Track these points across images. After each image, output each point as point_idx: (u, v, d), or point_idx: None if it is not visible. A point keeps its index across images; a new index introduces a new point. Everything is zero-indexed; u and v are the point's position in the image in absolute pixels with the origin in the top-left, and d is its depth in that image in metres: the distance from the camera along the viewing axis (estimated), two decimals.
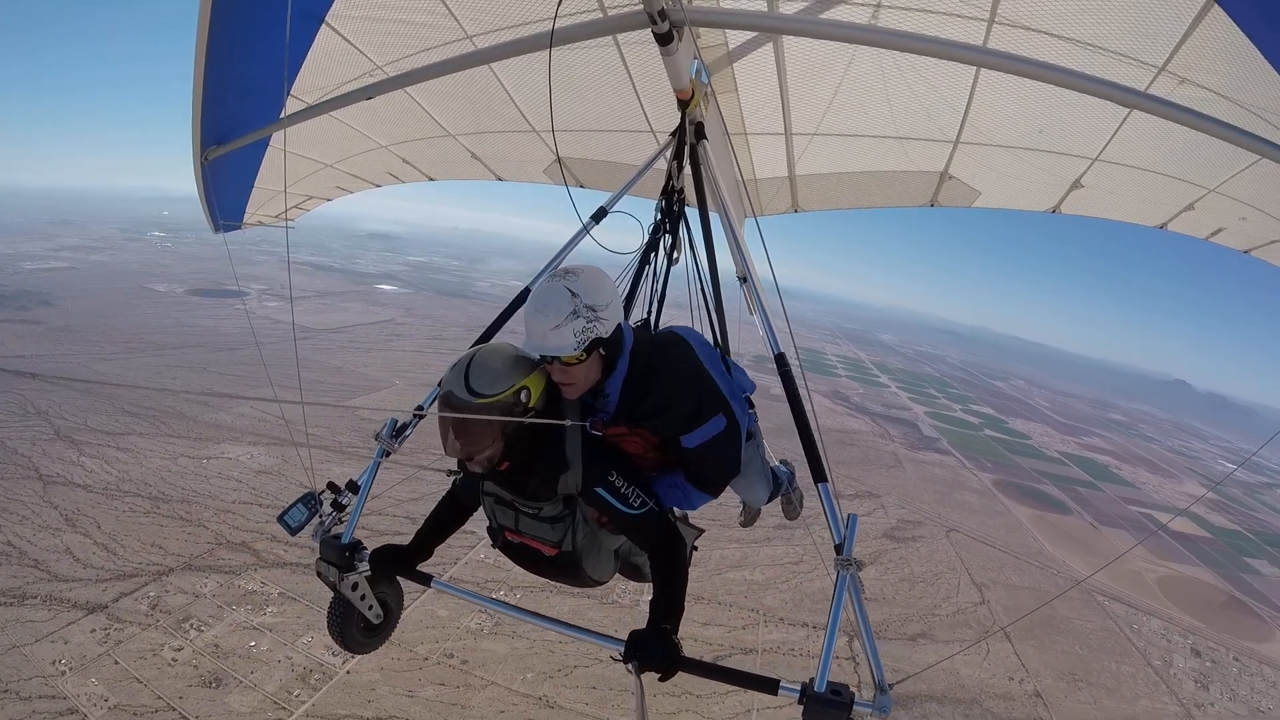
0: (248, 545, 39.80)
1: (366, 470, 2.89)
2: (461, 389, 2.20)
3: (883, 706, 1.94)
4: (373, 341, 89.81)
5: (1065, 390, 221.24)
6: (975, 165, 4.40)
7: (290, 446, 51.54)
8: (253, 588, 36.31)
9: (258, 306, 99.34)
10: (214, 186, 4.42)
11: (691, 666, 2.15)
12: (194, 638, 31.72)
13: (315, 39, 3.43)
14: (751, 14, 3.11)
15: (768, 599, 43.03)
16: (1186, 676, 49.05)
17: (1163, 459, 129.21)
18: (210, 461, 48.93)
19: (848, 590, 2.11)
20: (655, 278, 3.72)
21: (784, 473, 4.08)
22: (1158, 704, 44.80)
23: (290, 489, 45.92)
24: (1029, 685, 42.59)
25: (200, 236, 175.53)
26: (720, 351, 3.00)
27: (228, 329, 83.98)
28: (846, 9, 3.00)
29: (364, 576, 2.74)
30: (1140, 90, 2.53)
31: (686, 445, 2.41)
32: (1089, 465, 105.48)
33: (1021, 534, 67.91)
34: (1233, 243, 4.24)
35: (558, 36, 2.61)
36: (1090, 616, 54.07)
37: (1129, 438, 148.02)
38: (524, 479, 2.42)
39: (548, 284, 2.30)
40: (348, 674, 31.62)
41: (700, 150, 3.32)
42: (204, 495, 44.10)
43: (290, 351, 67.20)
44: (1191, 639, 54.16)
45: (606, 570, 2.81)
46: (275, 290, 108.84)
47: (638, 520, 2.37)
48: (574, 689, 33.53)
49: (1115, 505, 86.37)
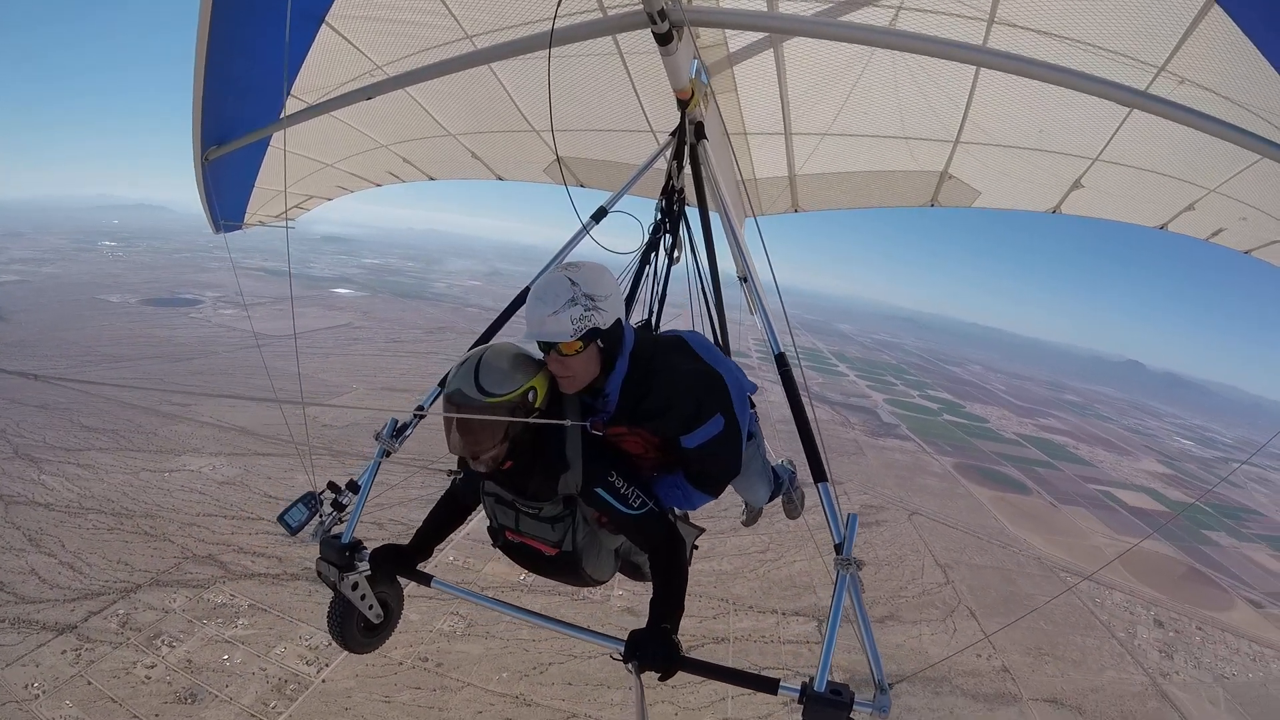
0: (214, 558, 39.50)
1: (367, 470, 2.89)
2: (471, 387, 2.20)
3: (882, 706, 1.94)
4: (331, 346, 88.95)
5: (1021, 373, 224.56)
6: (975, 165, 4.40)
7: (252, 457, 51.47)
8: (222, 600, 36.11)
9: (213, 314, 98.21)
10: (214, 187, 4.42)
11: (691, 666, 2.15)
12: (166, 654, 31.46)
13: (315, 39, 3.44)
14: (751, 14, 3.11)
15: (736, 588, 43.56)
16: (1151, 647, 50.35)
17: (1119, 437, 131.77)
18: (172, 474, 48.25)
19: (848, 590, 2.11)
20: (656, 278, 3.72)
21: (786, 472, 4.08)
22: (1124, 674, 45.92)
23: (254, 499, 46.02)
24: (996, 661, 43.73)
25: (151, 244, 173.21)
26: (721, 352, 3.00)
27: (184, 338, 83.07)
28: (846, 8, 3.00)
29: (364, 576, 2.74)
30: (1140, 90, 2.53)
31: (686, 445, 2.41)
32: (1046, 446, 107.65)
33: (982, 515, 69.54)
34: (1233, 243, 4.24)
35: (557, 36, 2.61)
36: (1053, 592, 55.18)
37: (1085, 418, 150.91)
38: (525, 479, 2.43)
39: (549, 274, 2.38)
40: (323, 683, 31.57)
41: (700, 150, 3.33)
42: (168, 509, 43.60)
43: (249, 359, 66.84)
44: (1154, 610, 55.55)
45: (606, 570, 2.82)
46: (230, 297, 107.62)
47: (637, 521, 2.38)
48: (550, 686, 33.69)
49: (1073, 484, 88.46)
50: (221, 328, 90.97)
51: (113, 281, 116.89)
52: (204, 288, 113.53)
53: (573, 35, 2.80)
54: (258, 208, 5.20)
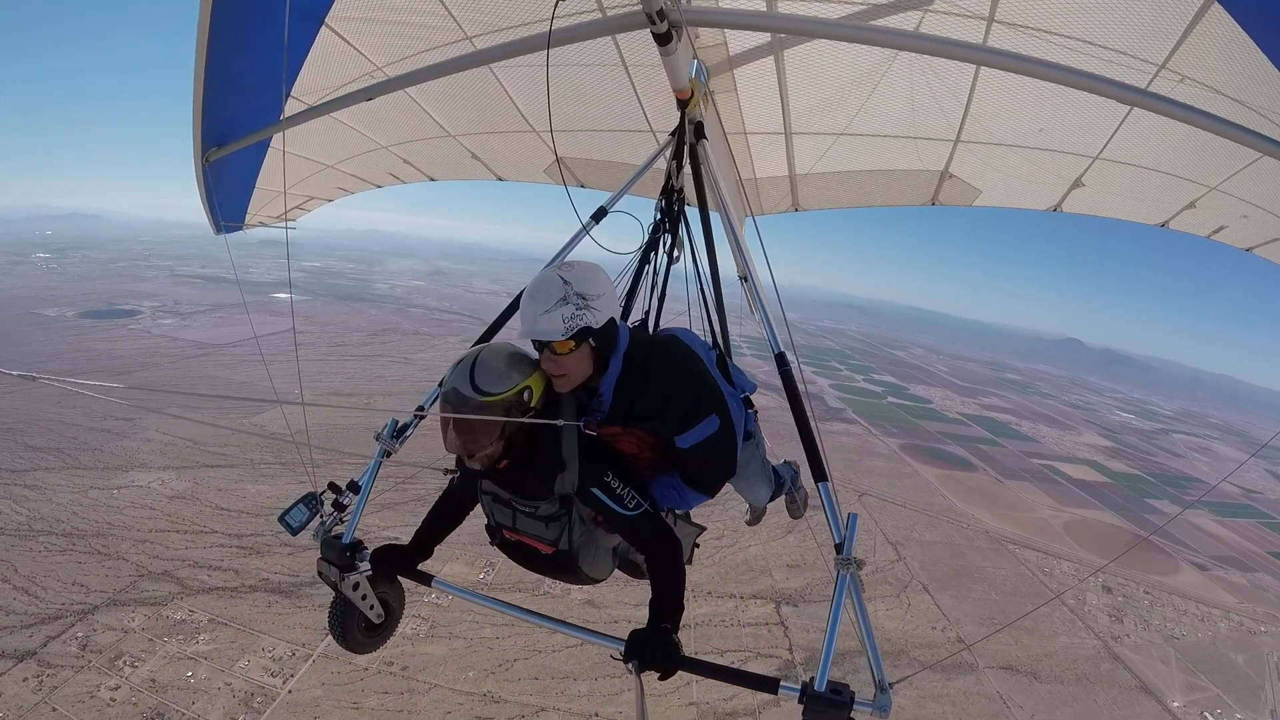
0: (170, 574, 39.21)
1: (367, 470, 2.89)
2: (467, 386, 2.22)
3: (882, 706, 1.94)
4: (274, 353, 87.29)
5: (963, 355, 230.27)
6: (976, 164, 4.39)
7: (201, 469, 51.21)
8: (181, 617, 35.94)
9: (153, 324, 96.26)
10: (215, 188, 4.42)
11: (691, 666, 2.15)
12: (129, 674, 31.23)
13: (315, 40, 3.44)
14: (750, 14, 3.11)
15: (693, 574, 44.36)
16: (1100, 612, 52.27)
17: (1060, 413, 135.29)
18: (121, 491, 47.76)
19: (848, 590, 2.11)
20: (655, 277, 3.72)
21: (787, 472, 4.07)
22: (1075, 639, 47.59)
23: (205, 512, 45.68)
24: (951, 632, 45.27)
25: (86, 255, 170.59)
26: (719, 352, 3.00)
27: (125, 351, 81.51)
28: (845, 8, 2.99)
29: (365, 576, 2.75)
30: (1141, 88, 2.53)
31: (681, 446, 2.42)
32: (989, 424, 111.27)
33: (930, 493, 71.68)
34: (1234, 240, 4.23)
35: (556, 37, 2.61)
36: (1003, 564, 57.56)
37: (1026, 395, 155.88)
38: (521, 478, 2.43)
39: (543, 273, 2.37)
40: (290, 694, 31.62)
41: (700, 150, 3.32)
42: (119, 526, 43.15)
43: (193, 369, 65.72)
44: (1102, 577, 57.51)
45: (604, 568, 2.83)
46: (169, 306, 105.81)
47: (632, 521, 2.39)
48: (516, 682, 34.01)
49: (1017, 459, 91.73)
50: (162, 338, 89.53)
51: (49, 295, 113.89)
52: (141, 297, 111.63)
53: (572, 36, 2.80)
54: (258, 209, 5.21)
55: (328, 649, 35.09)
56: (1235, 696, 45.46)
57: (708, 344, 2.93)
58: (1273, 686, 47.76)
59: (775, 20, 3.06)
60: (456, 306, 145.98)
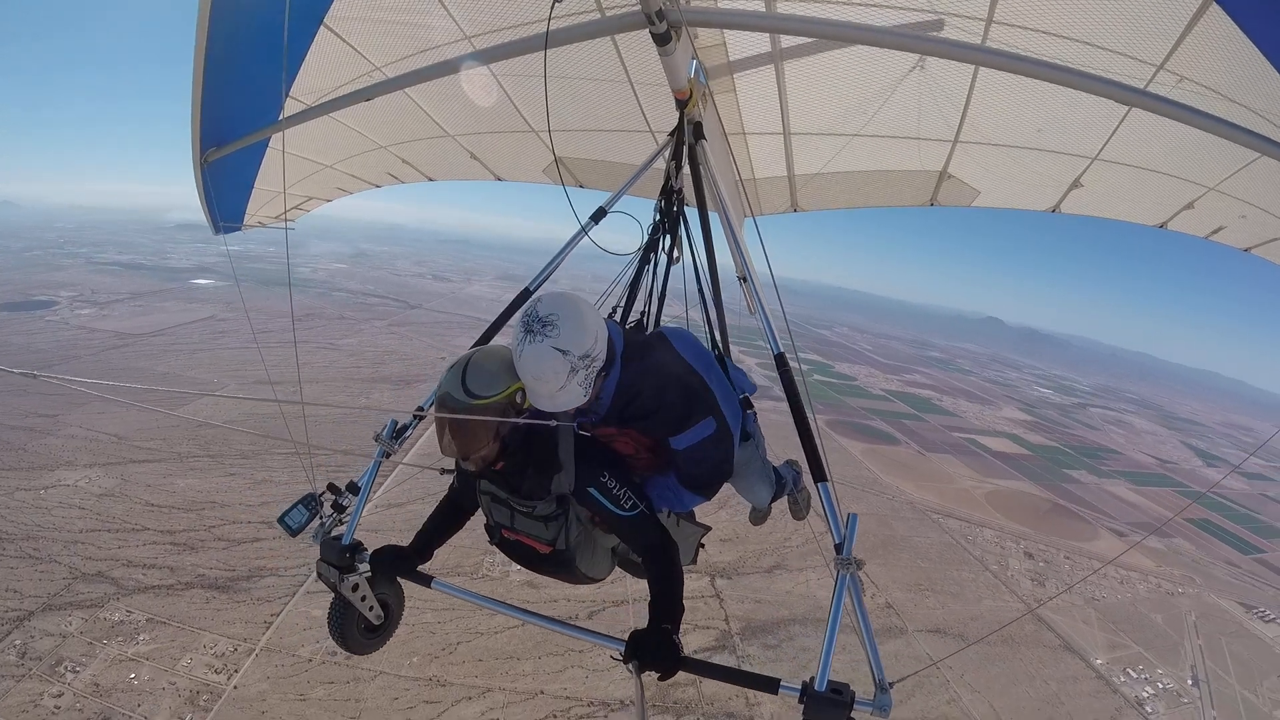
0: (104, 574, 38.20)
1: (367, 471, 2.88)
2: (458, 390, 2.22)
3: (882, 706, 1.94)
4: (196, 342, 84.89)
5: (886, 333, 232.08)
6: (974, 164, 4.39)
7: (128, 465, 49.74)
8: (119, 618, 35.17)
9: (70, 315, 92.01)
10: (214, 188, 4.42)
11: (691, 666, 2.15)
12: (71, 681, 30.57)
13: (314, 41, 3.44)
14: (749, 14, 3.10)
15: None
16: (1023, 576, 54.89)
17: (980, 389, 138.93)
18: (48, 491, 46.09)
19: (848, 589, 2.11)
20: (654, 278, 3.71)
21: (789, 473, 4.07)
22: (1000, 602, 49.90)
23: (136, 509, 44.29)
24: (880, 599, 46.67)
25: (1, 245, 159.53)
26: (717, 352, 2.99)
27: (43, 344, 77.98)
28: (844, 8, 2.99)
29: (364, 577, 2.74)
30: (1139, 88, 2.53)
31: (676, 447, 2.42)
32: (912, 400, 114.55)
33: (855, 466, 73.55)
34: (1233, 240, 4.23)
35: (555, 38, 2.61)
36: (927, 533, 59.56)
37: (948, 372, 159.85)
38: (518, 478, 2.44)
39: (532, 349, 2.12)
40: (235, 689, 31.34)
41: (699, 150, 3.32)
42: (49, 528, 41.80)
43: (114, 361, 59.39)
44: (1023, 544, 60.25)
45: (602, 568, 2.83)
46: (86, 296, 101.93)
47: (629, 522, 2.40)
48: (461, 664, 34.04)
49: (939, 433, 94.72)
50: (81, 330, 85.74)
51: None
52: (58, 287, 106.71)
53: (570, 36, 2.80)
54: (257, 209, 5.20)
55: (269, 642, 34.69)
56: (1156, 654, 47.24)
57: (701, 343, 2.93)
58: (1192, 644, 49.60)
59: (774, 21, 3.06)
60: (381, 290, 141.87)
